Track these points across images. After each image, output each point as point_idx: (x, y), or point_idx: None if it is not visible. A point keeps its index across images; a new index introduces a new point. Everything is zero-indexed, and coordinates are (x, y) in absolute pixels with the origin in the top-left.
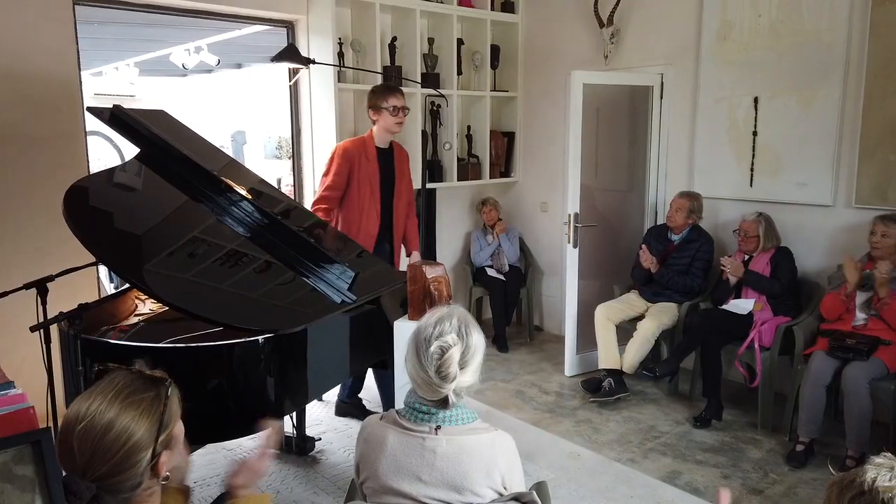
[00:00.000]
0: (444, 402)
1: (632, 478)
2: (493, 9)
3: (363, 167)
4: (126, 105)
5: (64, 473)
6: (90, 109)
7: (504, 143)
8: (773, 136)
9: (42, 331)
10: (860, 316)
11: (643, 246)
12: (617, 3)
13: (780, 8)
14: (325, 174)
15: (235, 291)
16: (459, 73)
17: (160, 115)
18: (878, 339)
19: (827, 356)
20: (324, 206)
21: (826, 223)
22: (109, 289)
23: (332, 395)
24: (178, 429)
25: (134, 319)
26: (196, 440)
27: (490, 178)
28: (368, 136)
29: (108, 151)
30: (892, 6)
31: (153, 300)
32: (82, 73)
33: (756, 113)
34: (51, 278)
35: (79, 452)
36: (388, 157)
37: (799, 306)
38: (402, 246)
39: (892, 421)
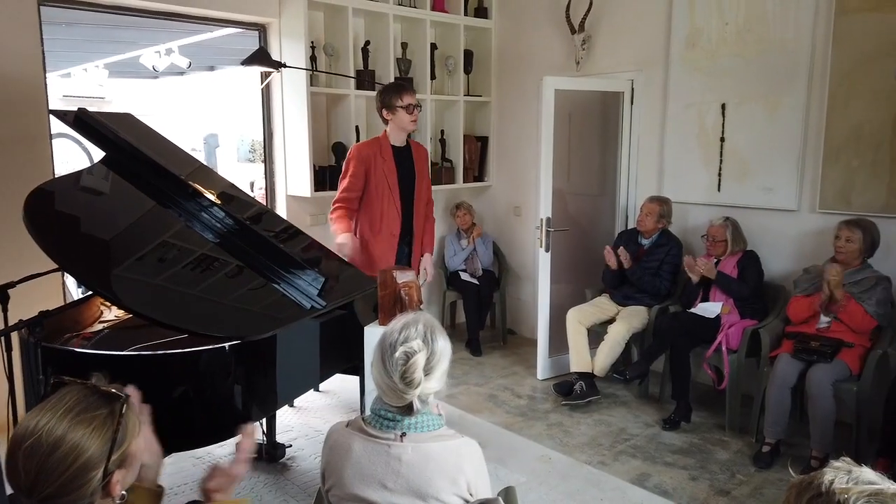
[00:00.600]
0: (409, 409)
1: (602, 480)
2: (466, 14)
3: (379, 167)
4: (96, 107)
5: (10, 492)
6: (54, 112)
7: (477, 147)
8: (741, 142)
9: (2, 339)
10: (824, 319)
11: (607, 247)
12: (588, 10)
13: (747, 16)
14: (343, 177)
15: (204, 297)
16: (433, 77)
17: (127, 119)
18: (842, 341)
19: (792, 358)
20: (343, 206)
21: (791, 227)
22: (76, 294)
23: (303, 401)
24: (136, 446)
25: (98, 326)
26: (163, 449)
27: (464, 182)
28: (383, 136)
29: (76, 154)
30: (855, 15)
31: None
32: (49, 74)
33: (724, 119)
34: (12, 285)
35: (24, 471)
36: (406, 156)
37: (765, 309)
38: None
39: (854, 422)
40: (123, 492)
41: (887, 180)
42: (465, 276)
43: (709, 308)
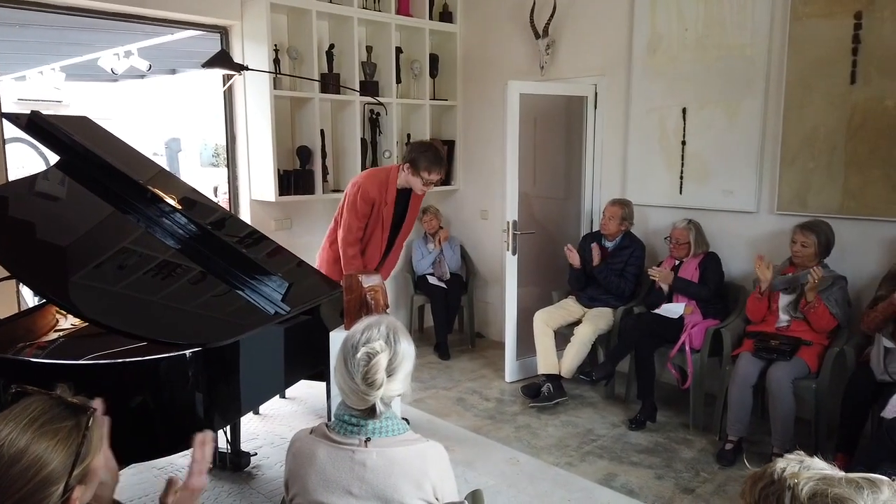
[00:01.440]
0: (372, 412)
1: (569, 481)
2: (431, 18)
3: (379, 209)
4: (52, 111)
5: None
6: (5, 115)
7: (444, 151)
8: (701, 146)
9: None
10: (783, 318)
11: (568, 246)
12: (552, 15)
13: (706, 22)
14: (350, 210)
15: (165, 304)
16: (398, 81)
17: (83, 122)
18: (800, 339)
19: (752, 357)
20: (359, 245)
21: (750, 229)
22: (33, 303)
23: (268, 408)
24: (98, 462)
25: (54, 335)
26: (122, 459)
27: None
28: (392, 177)
29: (33, 159)
30: (809, 21)
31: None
32: (1, 77)
33: (685, 123)
34: None
35: None
36: (405, 197)
37: (727, 309)
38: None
39: (813, 418)
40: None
41: (841, 182)
42: (432, 280)
43: (672, 309)
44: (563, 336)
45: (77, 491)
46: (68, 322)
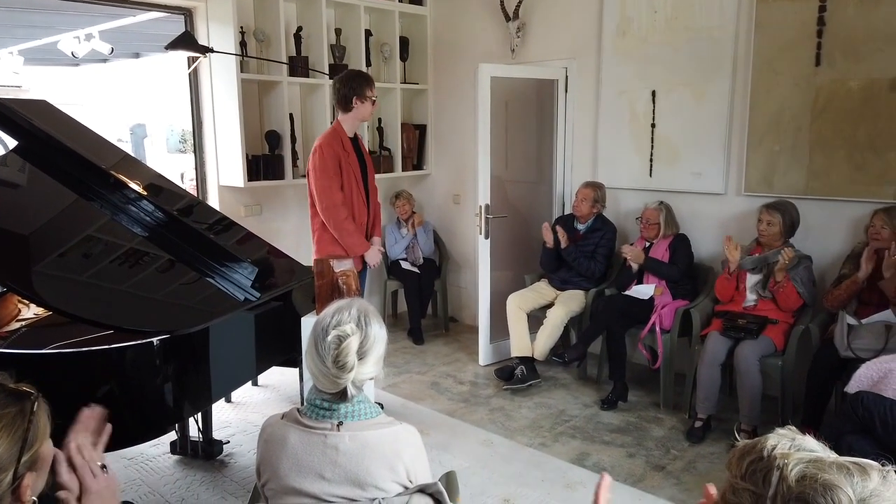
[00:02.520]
0: (343, 395)
1: (543, 462)
2: (401, 1)
3: (345, 161)
4: (11, 96)
5: None
6: None
7: (416, 135)
8: (670, 128)
9: None
10: (750, 297)
11: (545, 224)
12: None
13: (674, 5)
14: (323, 178)
15: (132, 293)
16: (368, 64)
17: (42, 106)
18: (767, 318)
19: (721, 336)
20: (349, 210)
21: (719, 210)
22: None
23: (241, 396)
24: (47, 448)
25: (16, 325)
26: None
27: (402, 170)
28: (339, 128)
29: None
30: (775, 4)
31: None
32: None
33: (654, 106)
34: None
35: None
36: (357, 146)
37: (696, 290)
38: None
39: (780, 395)
40: (34, 497)
41: (806, 164)
42: (405, 265)
43: (642, 290)
44: (535, 319)
45: (27, 478)
46: (31, 311)
